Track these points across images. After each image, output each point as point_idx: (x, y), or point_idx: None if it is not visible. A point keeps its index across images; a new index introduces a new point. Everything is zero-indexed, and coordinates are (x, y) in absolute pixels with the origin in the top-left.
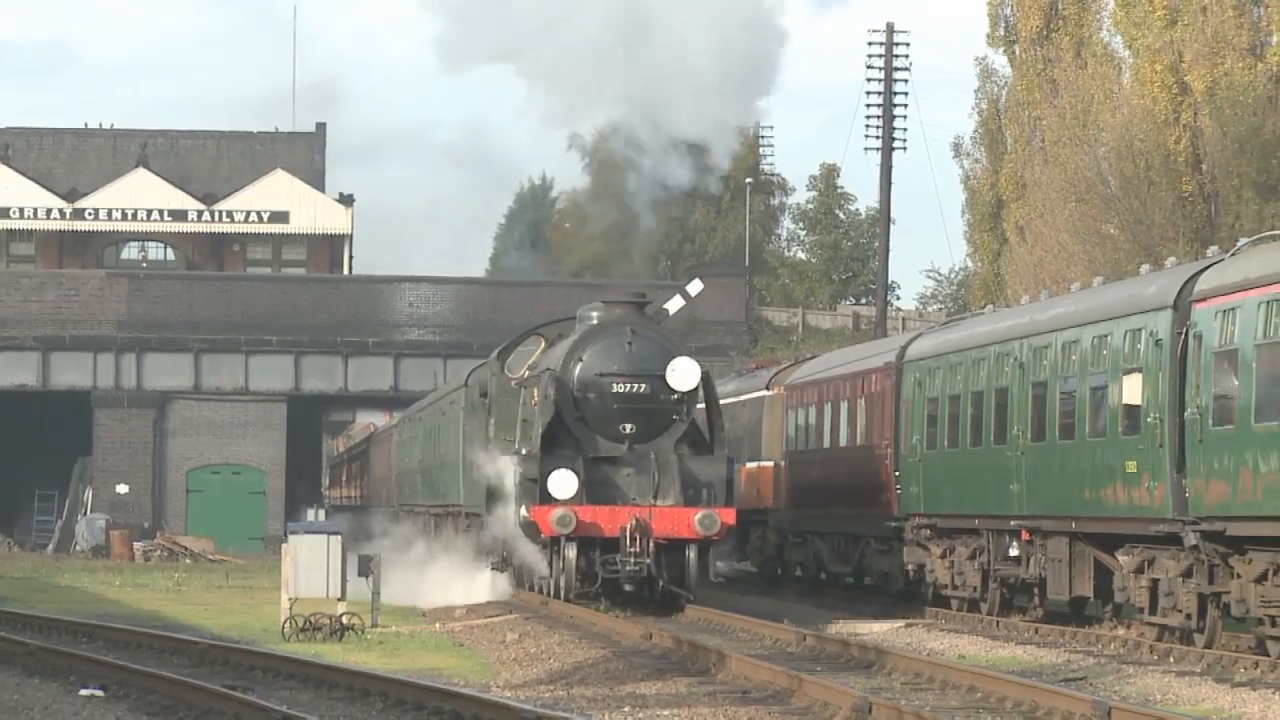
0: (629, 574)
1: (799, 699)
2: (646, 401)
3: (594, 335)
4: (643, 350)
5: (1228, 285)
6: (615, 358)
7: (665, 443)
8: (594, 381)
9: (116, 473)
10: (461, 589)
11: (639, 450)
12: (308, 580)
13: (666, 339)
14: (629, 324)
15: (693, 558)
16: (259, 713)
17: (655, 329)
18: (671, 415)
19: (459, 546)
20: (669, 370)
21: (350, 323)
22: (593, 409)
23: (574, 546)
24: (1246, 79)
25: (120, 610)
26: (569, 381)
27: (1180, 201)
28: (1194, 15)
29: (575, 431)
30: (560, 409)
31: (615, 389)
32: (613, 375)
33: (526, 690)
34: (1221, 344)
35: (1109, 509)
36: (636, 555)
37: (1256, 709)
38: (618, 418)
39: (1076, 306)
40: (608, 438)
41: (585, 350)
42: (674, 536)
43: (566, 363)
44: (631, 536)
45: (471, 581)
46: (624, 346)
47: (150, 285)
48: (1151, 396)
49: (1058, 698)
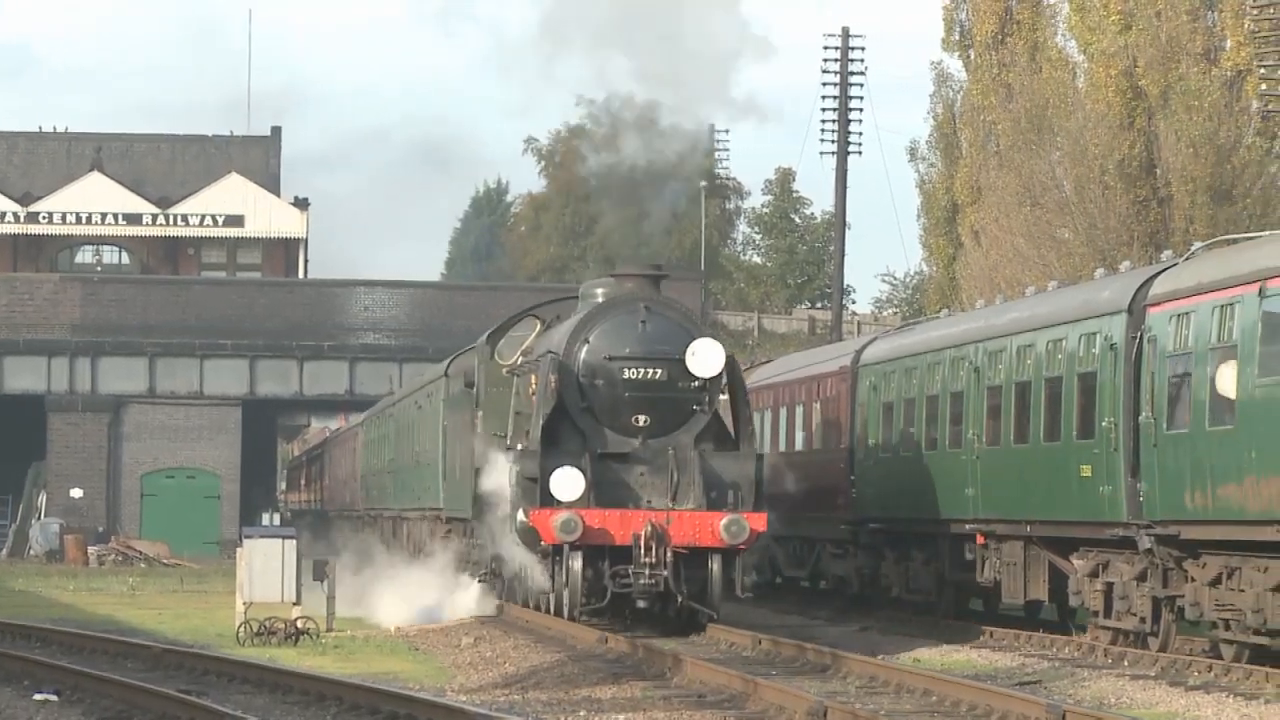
0: (643, 588)
1: (754, 703)
2: (663, 389)
3: (602, 313)
4: (658, 330)
5: (1182, 290)
6: (627, 339)
7: (684, 437)
8: (602, 366)
9: (70, 477)
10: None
11: (654, 446)
12: (263, 584)
13: (686, 318)
14: (642, 300)
15: (716, 569)
16: (213, 717)
17: (673, 306)
18: (691, 405)
19: (439, 556)
20: (689, 353)
21: (305, 326)
22: (601, 398)
23: (580, 556)
24: (1200, 84)
25: (74, 615)
26: (574, 366)
27: (1135, 206)
28: (1148, 20)
29: (580, 424)
30: (564, 398)
31: (627, 375)
32: (624, 359)
33: (482, 694)
34: (1176, 348)
35: (1064, 513)
36: (652, 566)
37: (1210, 712)
38: (630, 408)
39: (1031, 311)
40: (618, 431)
41: (592, 330)
42: (695, 545)
43: (571, 345)
44: (646, 545)
45: (454, 596)
46: (637, 326)
47: (104, 289)
48: (1105, 400)
49: (1012, 701)
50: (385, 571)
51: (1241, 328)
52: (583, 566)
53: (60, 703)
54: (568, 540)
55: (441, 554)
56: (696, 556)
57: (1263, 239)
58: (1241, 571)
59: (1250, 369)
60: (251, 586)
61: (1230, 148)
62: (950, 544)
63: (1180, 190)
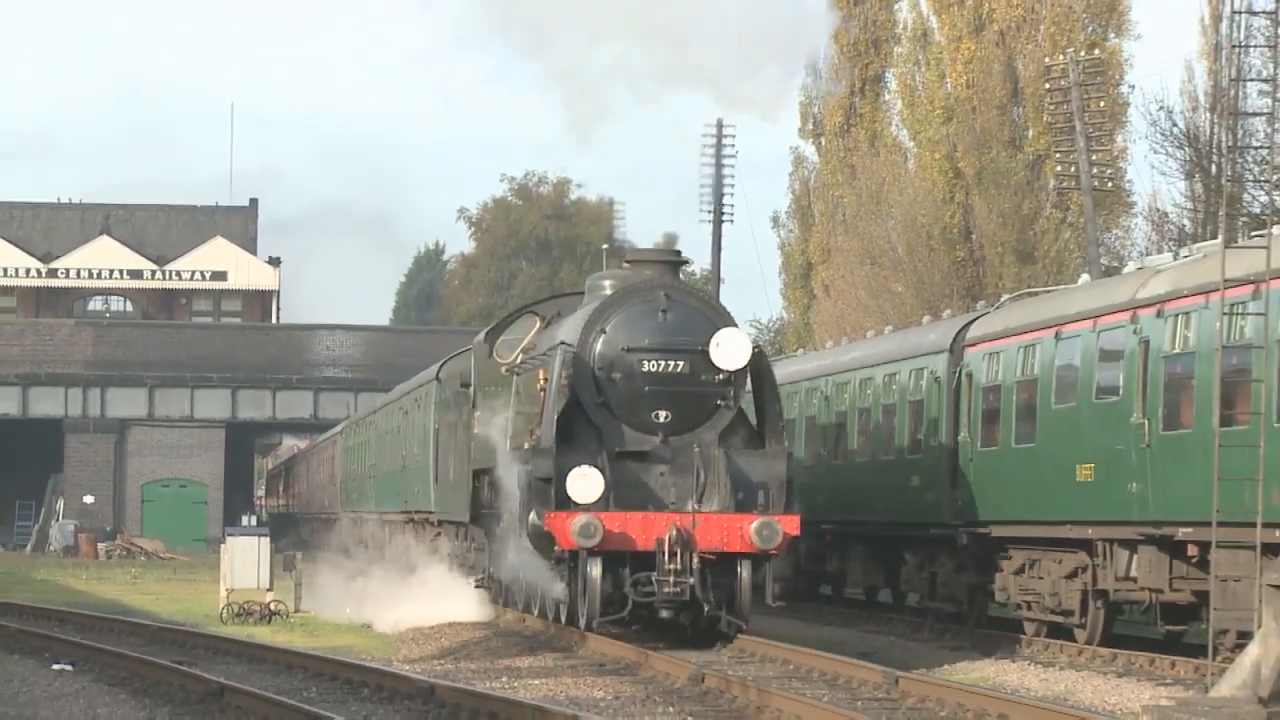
0: (667, 597)
1: (645, 670)
2: (685, 383)
3: (619, 302)
4: (680, 320)
5: (993, 333)
6: (646, 329)
7: (707, 434)
8: (620, 359)
9: (83, 486)
10: (437, 609)
11: (675, 443)
12: (242, 574)
13: (709, 306)
14: (662, 288)
15: (745, 576)
16: (201, 683)
17: (695, 294)
18: (715, 400)
19: (430, 559)
20: (713, 344)
21: (278, 363)
22: (618, 392)
23: (599, 563)
24: (1008, 165)
25: (86, 599)
26: (589, 359)
27: (955, 265)
28: (965, 114)
29: (596, 420)
30: (578, 393)
31: (646, 367)
32: (643, 350)
33: (422, 664)
34: (988, 380)
35: (897, 515)
36: (677, 574)
37: (1014, 678)
38: (649, 403)
39: (871, 350)
40: (636, 428)
41: (609, 320)
42: (723, 550)
43: (585, 335)
44: (671, 550)
45: (449, 601)
46: (657, 315)
47: (112, 332)
48: (931, 423)
49: (855, 668)
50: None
51: (1041, 364)
52: (601, 574)
53: (75, 671)
54: (586, 545)
55: (435, 558)
56: (724, 563)
57: (1058, 292)
58: (1041, 563)
59: (1048, 397)
60: (232, 576)
61: (1032, 218)
62: (806, 540)
63: (991, 252)
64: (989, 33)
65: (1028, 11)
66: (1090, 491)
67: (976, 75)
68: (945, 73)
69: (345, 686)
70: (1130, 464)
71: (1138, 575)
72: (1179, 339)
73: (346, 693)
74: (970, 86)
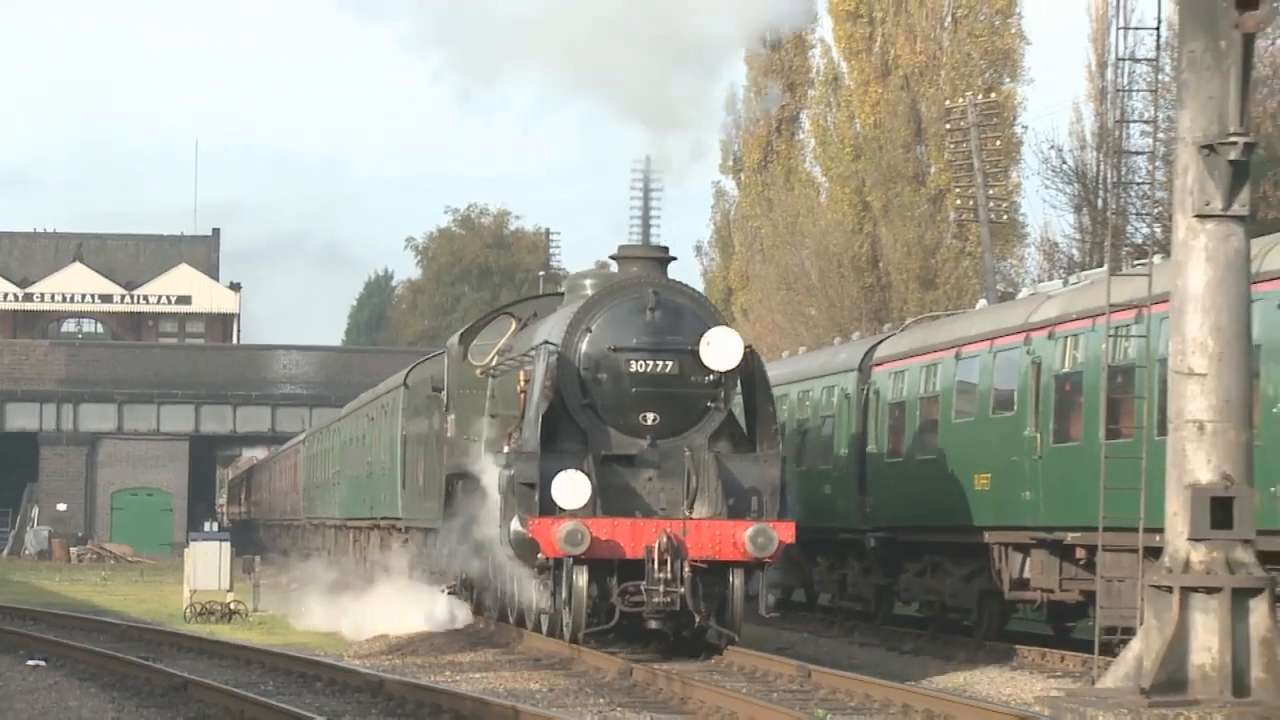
0: (656, 607)
1: (578, 664)
2: (674, 384)
3: (605, 299)
4: (670, 318)
5: (898, 353)
6: (633, 328)
7: (697, 438)
8: (606, 358)
9: (57, 495)
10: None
11: (664, 447)
12: (204, 576)
13: (699, 304)
14: (650, 285)
15: (738, 585)
16: (165, 678)
17: (684, 291)
18: (705, 402)
19: (396, 567)
20: (704, 344)
21: (238, 380)
22: (604, 394)
23: (585, 572)
24: (912, 199)
25: (59, 599)
26: (573, 358)
27: (864, 290)
28: (873, 151)
29: (581, 422)
30: (562, 394)
31: (634, 368)
32: (630, 350)
33: (371, 659)
34: (894, 397)
35: (812, 521)
36: (667, 583)
37: (916, 670)
38: (636, 405)
39: (787, 369)
40: (623, 431)
41: (594, 318)
42: (715, 559)
43: (570, 334)
44: (661, 558)
45: (418, 608)
46: (644, 313)
47: (84, 352)
48: (842, 437)
49: (771, 663)
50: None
51: (942, 382)
52: (588, 583)
53: (48, 667)
54: (573, 553)
55: (402, 565)
56: (716, 571)
57: (957, 316)
58: (942, 565)
59: (949, 413)
60: (195, 578)
61: (934, 247)
62: None
63: (897, 279)
64: (894, 77)
65: (930, 58)
66: (987, 499)
67: (883, 116)
68: (854, 114)
69: (300, 680)
70: (1024, 474)
71: (1030, 576)
72: (1068, 359)
73: (301, 686)
74: (877, 126)
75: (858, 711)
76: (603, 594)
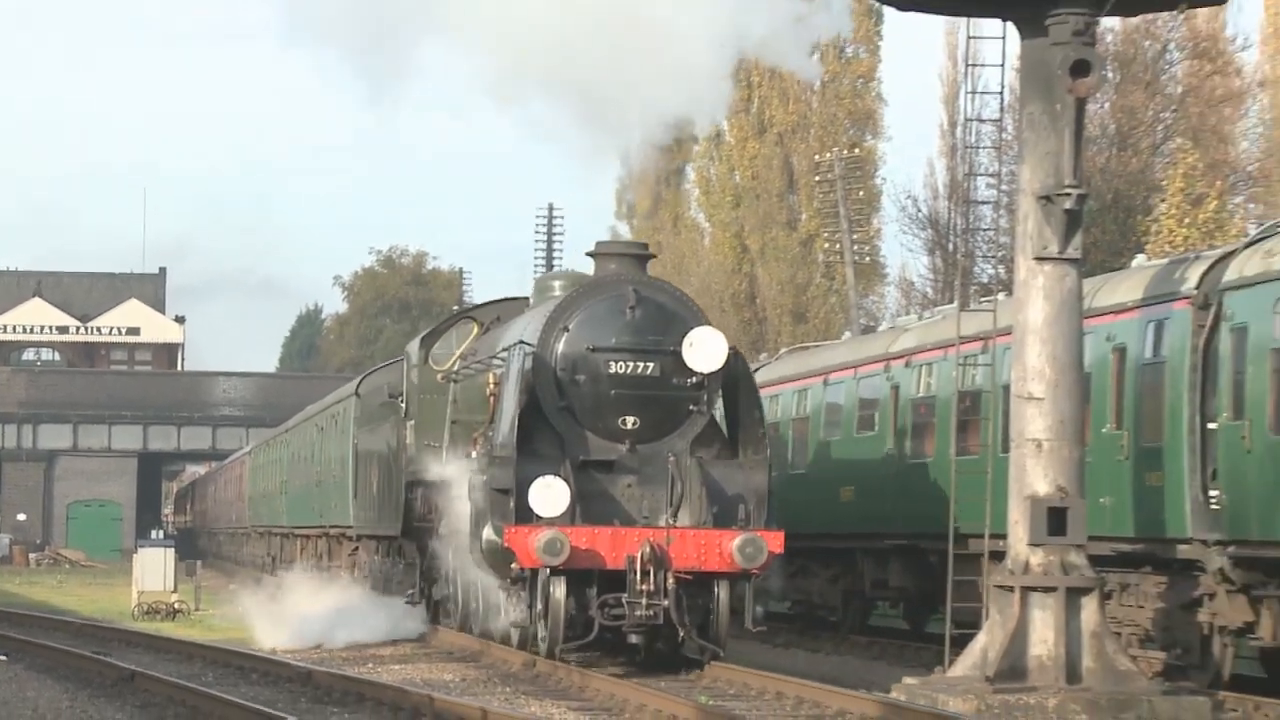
0: (638, 620)
1: (487, 658)
2: (655, 387)
3: (583, 297)
4: (650, 318)
5: (774, 379)
6: (613, 327)
7: (678, 443)
8: (584, 359)
9: (18, 506)
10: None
11: (644, 452)
12: (150, 579)
13: (681, 303)
14: (630, 282)
15: (724, 598)
16: (115, 670)
17: (665, 289)
18: (688, 406)
19: (347, 574)
20: (686, 344)
21: (182, 403)
22: (582, 396)
23: (563, 583)
24: (786, 243)
25: (18, 600)
26: (550, 359)
27: (742, 323)
28: (751, 200)
29: (558, 426)
30: (537, 396)
31: (613, 369)
32: (609, 351)
33: (300, 653)
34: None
35: None
36: (649, 595)
37: (787, 661)
38: (616, 408)
39: None
40: (602, 435)
41: (571, 317)
42: (701, 569)
43: (546, 334)
44: (643, 569)
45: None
46: (624, 313)
47: (42, 378)
48: None
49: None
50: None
51: (812, 405)
52: (565, 595)
53: (9, 660)
54: (552, 563)
55: (350, 572)
56: (700, 583)
57: (825, 346)
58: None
59: (818, 432)
60: (143, 580)
61: (805, 286)
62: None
63: (772, 314)
64: (770, 135)
65: (801, 118)
66: (851, 509)
67: (760, 169)
68: (734, 166)
69: (237, 672)
70: (884, 487)
71: (889, 578)
72: (923, 384)
73: (238, 677)
74: (755, 178)
75: (736, 698)
76: (580, 606)
